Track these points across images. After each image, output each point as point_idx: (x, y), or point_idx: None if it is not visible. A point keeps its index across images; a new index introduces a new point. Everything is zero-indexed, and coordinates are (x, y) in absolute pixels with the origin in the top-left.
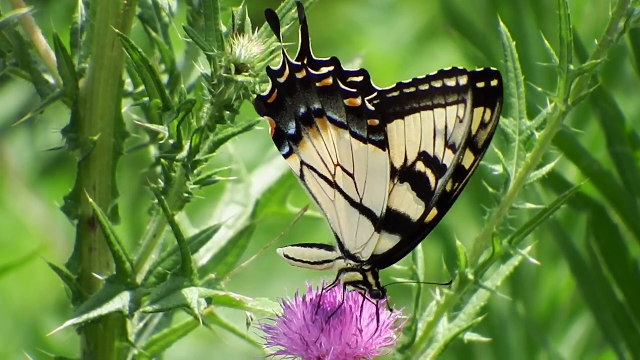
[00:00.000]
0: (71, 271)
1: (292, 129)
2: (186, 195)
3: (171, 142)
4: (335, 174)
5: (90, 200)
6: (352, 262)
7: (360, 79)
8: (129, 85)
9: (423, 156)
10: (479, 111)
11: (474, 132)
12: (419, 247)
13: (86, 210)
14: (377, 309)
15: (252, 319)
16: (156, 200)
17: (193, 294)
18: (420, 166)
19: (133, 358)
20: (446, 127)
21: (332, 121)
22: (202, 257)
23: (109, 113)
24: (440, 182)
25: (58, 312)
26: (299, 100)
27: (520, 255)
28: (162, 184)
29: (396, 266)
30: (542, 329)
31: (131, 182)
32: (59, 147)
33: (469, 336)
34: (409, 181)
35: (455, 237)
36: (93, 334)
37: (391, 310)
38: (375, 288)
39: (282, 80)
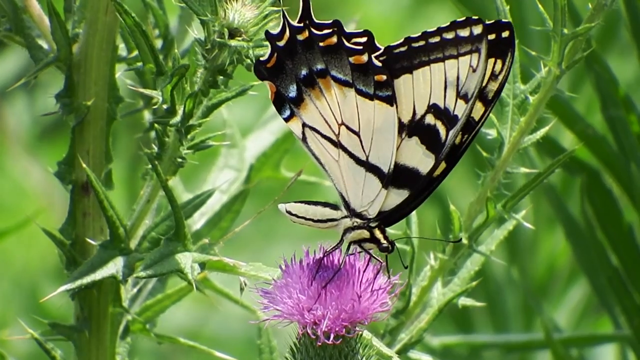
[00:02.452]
0: (65, 236)
1: (292, 91)
2: (180, 160)
3: (164, 106)
4: (339, 134)
5: (84, 165)
6: (358, 220)
7: (364, 39)
8: (122, 50)
9: (433, 108)
10: (489, 62)
11: (484, 83)
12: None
13: (80, 175)
14: (387, 266)
15: (245, 284)
16: (150, 165)
17: (186, 259)
18: (430, 119)
19: (127, 323)
20: (458, 78)
21: (337, 80)
22: (196, 221)
23: (103, 78)
24: (452, 132)
25: (58, 275)
26: (300, 62)
27: (514, 220)
28: (155, 148)
29: (390, 230)
30: (539, 293)
31: (129, 146)
32: (53, 112)
33: (463, 301)
34: (418, 135)
35: (449, 201)
36: (87, 299)
37: (383, 273)
38: (384, 242)
39: (281, 43)
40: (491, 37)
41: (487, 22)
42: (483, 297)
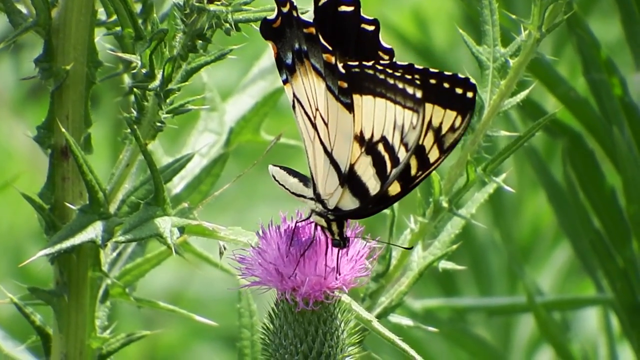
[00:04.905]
0: (44, 201)
1: (289, 59)
2: (159, 124)
3: (143, 71)
4: (315, 117)
5: (63, 129)
6: (320, 207)
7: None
8: (101, 14)
9: (384, 140)
10: (451, 114)
11: (443, 131)
12: None
13: (59, 139)
14: (338, 257)
15: (224, 248)
16: (129, 130)
17: (166, 224)
18: (381, 148)
19: (106, 288)
20: (403, 126)
21: (314, 68)
22: (176, 185)
23: (82, 42)
24: (394, 171)
25: (43, 238)
26: (294, 36)
27: (495, 183)
28: (134, 113)
29: None
30: (523, 256)
31: (112, 109)
32: (32, 76)
33: (444, 264)
34: (372, 156)
35: None
36: (66, 264)
37: (365, 239)
38: (337, 238)
39: (285, 10)
40: (459, 90)
41: (460, 77)
42: (467, 260)
